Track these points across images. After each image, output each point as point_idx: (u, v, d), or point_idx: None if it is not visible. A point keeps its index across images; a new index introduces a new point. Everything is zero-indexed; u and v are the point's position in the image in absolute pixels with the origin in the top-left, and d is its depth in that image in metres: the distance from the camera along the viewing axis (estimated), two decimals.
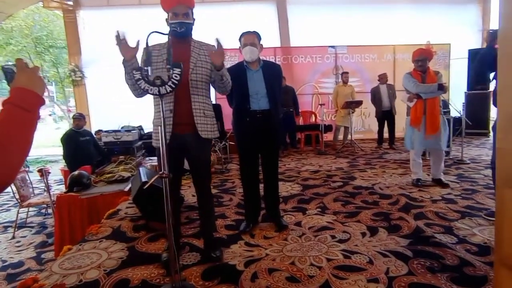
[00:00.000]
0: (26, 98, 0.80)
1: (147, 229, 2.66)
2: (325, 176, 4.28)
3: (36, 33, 10.89)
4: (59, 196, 3.47)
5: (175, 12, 1.92)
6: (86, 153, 4.61)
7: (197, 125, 2.00)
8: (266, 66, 2.47)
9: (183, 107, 1.97)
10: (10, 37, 10.51)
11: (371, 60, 7.44)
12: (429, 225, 2.49)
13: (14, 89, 0.80)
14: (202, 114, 2.02)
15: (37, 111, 0.82)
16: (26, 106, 0.78)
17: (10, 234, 4.13)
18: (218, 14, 7.24)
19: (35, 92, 0.82)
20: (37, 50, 10.99)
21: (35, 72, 0.85)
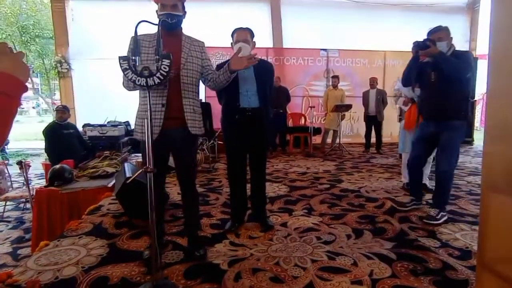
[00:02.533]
0: (8, 83, 0.76)
1: (130, 226, 2.59)
2: (313, 178, 4.28)
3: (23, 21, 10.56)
4: (39, 190, 3.35)
5: (163, 3, 1.88)
6: (70, 147, 4.47)
7: (187, 121, 1.97)
8: (258, 64, 2.44)
9: (174, 101, 1.93)
10: None
11: (362, 65, 7.52)
12: (413, 229, 2.51)
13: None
14: (192, 110, 2.00)
15: (19, 98, 0.79)
16: (8, 92, 0.74)
17: None
18: (212, 12, 7.19)
19: (18, 78, 0.78)
20: (23, 39, 10.68)
21: (19, 58, 0.82)
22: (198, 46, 2.06)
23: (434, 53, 2.47)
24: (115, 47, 2.53)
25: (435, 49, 2.46)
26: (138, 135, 2.01)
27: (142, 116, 1.97)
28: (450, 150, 2.62)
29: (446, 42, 2.54)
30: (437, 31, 2.56)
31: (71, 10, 7.09)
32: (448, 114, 2.56)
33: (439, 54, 2.46)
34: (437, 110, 2.60)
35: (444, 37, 2.54)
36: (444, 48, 2.51)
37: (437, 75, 2.56)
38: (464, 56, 2.53)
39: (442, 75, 2.50)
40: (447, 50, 2.53)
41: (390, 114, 6.48)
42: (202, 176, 4.44)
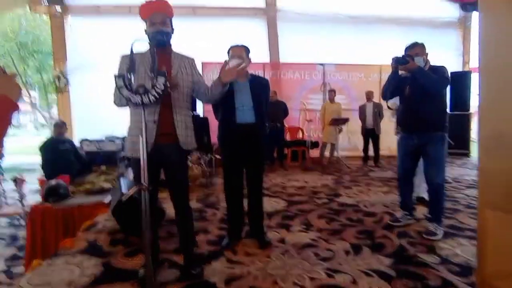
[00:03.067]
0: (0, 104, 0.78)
1: (126, 244, 2.55)
2: (311, 192, 4.26)
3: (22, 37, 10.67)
4: (33, 207, 3.31)
5: (153, 21, 1.90)
6: (66, 162, 4.43)
7: (179, 136, 1.96)
8: (254, 79, 2.47)
9: (165, 118, 1.93)
10: None
11: (358, 78, 7.61)
12: (413, 244, 2.48)
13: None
14: (184, 125, 1.99)
15: (10, 116, 0.81)
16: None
17: None
18: (209, 27, 7.29)
19: (9, 97, 0.80)
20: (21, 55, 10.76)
21: (11, 79, 0.85)
22: (188, 62, 2.06)
23: (413, 68, 2.56)
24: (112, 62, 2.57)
25: (414, 64, 2.55)
26: (128, 152, 2.00)
27: (132, 133, 1.95)
28: (439, 162, 2.67)
29: (423, 58, 2.64)
30: (414, 47, 2.66)
31: (69, 25, 7.18)
32: (430, 125, 2.63)
33: (418, 69, 2.56)
34: (419, 123, 2.65)
35: (420, 52, 2.64)
36: (421, 63, 2.61)
37: (412, 89, 2.64)
38: (440, 71, 2.61)
39: (419, 89, 2.58)
40: (424, 65, 2.63)
41: (387, 127, 6.50)
42: (199, 191, 4.41)
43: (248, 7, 7.51)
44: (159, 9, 1.90)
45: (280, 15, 7.54)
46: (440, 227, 2.65)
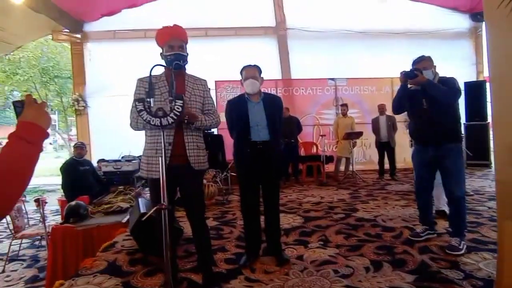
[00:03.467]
0: (31, 131, 0.82)
1: (144, 263, 2.57)
2: (327, 207, 4.21)
3: (43, 64, 11.21)
4: (54, 227, 3.38)
5: (171, 45, 1.99)
6: (85, 183, 4.56)
7: (189, 157, 2.02)
8: (267, 98, 2.52)
9: (178, 139, 1.99)
10: (17, 67, 10.82)
11: (370, 92, 7.60)
12: (435, 260, 2.41)
13: (21, 123, 0.83)
14: (195, 146, 2.05)
15: (40, 144, 0.85)
16: (29, 139, 0.80)
17: (1, 268, 3.98)
18: (220, 47, 7.50)
19: (40, 125, 0.85)
20: (43, 80, 11.27)
21: (42, 107, 0.89)
22: (201, 84, 2.15)
23: (423, 81, 2.57)
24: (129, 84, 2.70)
25: (423, 77, 2.57)
26: (144, 173, 2.06)
27: (148, 154, 2.03)
28: (458, 174, 2.62)
29: (431, 70, 2.65)
30: (421, 61, 2.68)
31: (88, 51, 7.52)
32: (446, 137, 2.60)
33: (427, 82, 2.57)
34: (433, 135, 2.63)
35: (428, 66, 2.65)
36: (430, 76, 2.62)
37: (429, 101, 2.63)
38: (450, 82, 2.60)
39: (430, 101, 2.58)
40: (433, 78, 2.63)
41: (401, 139, 6.43)
42: (216, 209, 4.42)
43: (259, 26, 7.71)
44: (177, 35, 2.00)
45: (290, 32, 7.70)
46: (463, 241, 2.57)
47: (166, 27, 2.04)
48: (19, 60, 10.76)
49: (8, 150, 0.77)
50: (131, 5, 7.09)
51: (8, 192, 0.73)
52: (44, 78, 11.23)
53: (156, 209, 1.56)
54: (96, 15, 7.12)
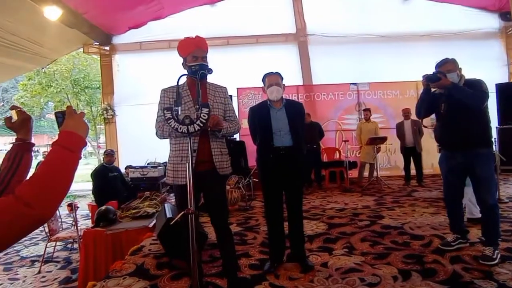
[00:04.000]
0: (72, 140, 0.89)
1: (171, 267, 2.63)
2: (351, 214, 4.14)
3: (75, 75, 11.83)
4: (86, 231, 3.55)
5: (195, 56, 2.06)
6: (114, 189, 4.75)
7: (215, 163, 2.07)
8: (289, 104, 2.55)
9: (203, 146, 2.05)
10: (51, 79, 11.48)
11: (394, 96, 7.43)
12: (468, 270, 2.31)
13: (62, 132, 0.90)
14: (219, 152, 2.10)
15: (80, 152, 0.91)
16: (70, 147, 0.87)
17: (37, 269, 4.20)
18: (242, 55, 7.62)
19: (79, 135, 0.91)
20: (74, 91, 11.88)
21: (81, 118, 0.96)
22: (222, 92, 2.21)
23: (446, 84, 2.48)
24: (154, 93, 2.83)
25: (447, 80, 2.48)
26: (170, 179, 2.12)
27: (173, 161, 2.09)
28: (490, 181, 2.50)
29: (456, 73, 2.55)
30: (445, 63, 2.59)
31: (116, 62, 7.88)
32: (473, 142, 2.49)
33: (452, 85, 2.48)
34: (461, 140, 2.53)
35: (452, 68, 2.56)
36: (455, 79, 2.52)
37: (449, 106, 2.55)
38: (476, 85, 2.50)
39: (457, 105, 2.48)
40: (458, 80, 2.54)
41: (429, 144, 6.22)
42: (239, 214, 4.45)
43: (279, 33, 7.77)
44: (201, 46, 2.08)
45: (311, 39, 7.70)
46: (496, 250, 2.44)
47: (189, 38, 2.12)
48: (53, 73, 11.42)
49: (52, 158, 0.84)
50: (156, 17, 7.37)
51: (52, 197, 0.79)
52: (75, 89, 11.84)
53: (183, 214, 1.60)
54: (123, 28, 7.46)
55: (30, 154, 1.16)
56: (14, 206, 0.72)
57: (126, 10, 6.65)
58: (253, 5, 7.68)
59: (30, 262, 4.56)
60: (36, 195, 0.76)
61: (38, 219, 0.77)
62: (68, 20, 5.84)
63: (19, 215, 0.73)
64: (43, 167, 0.82)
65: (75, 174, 0.87)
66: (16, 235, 0.74)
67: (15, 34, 5.43)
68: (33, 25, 5.50)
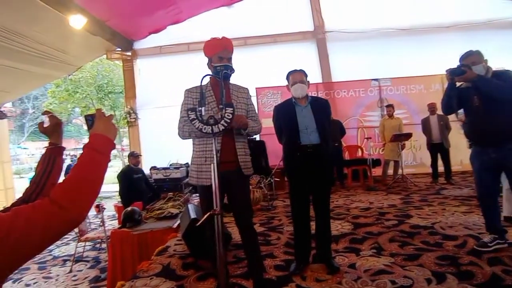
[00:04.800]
0: (101, 142, 0.90)
1: (196, 268, 2.64)
2: (377, 213, 4.01)
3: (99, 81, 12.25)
4: (113, 231, 3.63)
5: (221, 56, 2.05)
6: (139, 190, 4.85)
7: (240, 163, 2.06)
8: (314, 101, 2.50)
9: (227, 146, 2.04)
10: (77, 86, 11.94)
11: (418, 91, 7.17)
12: (508, 273, 2.17)
13: (93, 135, 0.91)
14: (243, 152, 2.10)
15: (109, 154, 0.92)
16: (101, 149, 0.88)
17: (68, 268, 4.36)
18: (260, 54, 7.59)
19: (108, 137, 0.92)
20: (99, 96, 12.31)
21: (110, 120, 0.97)
22: (244, 92, 2.21)
23: (472, 77, 2.38)
24: (175, 95, 2.86)
25: (472, 73, 2.38)
26: (193, 180, 2.12)
27: (197, 162, 2.09)
28: None
29: (482, 65, 2.44)
30: (469, 56, 2.49)
31: (138, 67, 8.07)
32: (506, 137, 2.36)
33: (478, 78, 2.37)
34: (493, 135, 2.40)
35: (477, 60, 2.45)
36: (481, 71, 2.41)
37: (481, 99, 2.43)
38: (504, 76, 2.38)
39: (486, 98, 2.37)
40: (485, 73, 2.42)
41: (457, 140, 5.95)
42: (261, 214, 4.43)
43: (297, 31, 7.69)
44: (228, 47, 2.08)
45: (329, 35, 7.57)
46: None
47: (215, 39, 2.12)
48: (79, 80, 11.87)
49: (83, 161, 0.85)
50: (175, 21, 7.48)
51: (85, 199, 0.80)
52: (100, 94, 12.27)
53: (210, 215, 1.59)
54: (144, 33, 7.62)
55: (61, 157, 1.19)
56: (50, 209, 0.73)
57: (146, 15, 6.79)
58: (270, 5, 7.63)
59: (62, 261, 4.74)
60: (70, 198, 0.77)
61: (73, 221, 0.78)
62: (92, 28, 6.03)
63: (55, 217, 0.73)
64: (75, 170, 0.83)
65: None
66: (53, 237, 0.75)
67: (42, 43, 5.66)
68: (59, 34, 5.71)
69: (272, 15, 7.61)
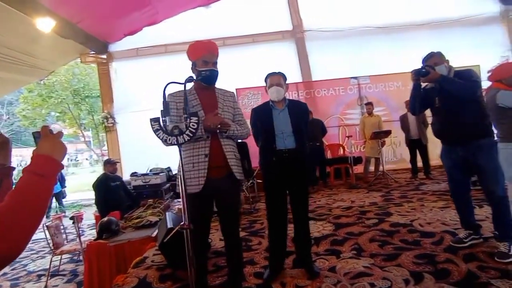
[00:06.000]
0: (43, 164, 0.82)
1: (174, 279, 2.57)
2: (358, 212, 4.03)
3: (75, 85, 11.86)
4: (89, 243, 3.49)
5: (206, 61, 1.97)
6: (116, 198, 4.69)
7: (232, 167, 1.99)
8: (292, 105, 2.46)
9: (216, 151, 1.96)
10: (52, 90, 11.51)
11: (396, 88, 7.28)
12: (483, 269, 2.20)
13: (35, 156, 0.83)
14: (233, 156, 2.03)
15: (54, 176, 0.84)
16: (43, 172, 0.80)
17: (43, 283, 4.16)
18: (239, 55, 7.52)
19: (53, 158, 0.83)
20: (75, 101, 11.91)
21: (57, 138, 0.88)
22: (230, 96, 2.15)
23: (436, 77, 2.45)
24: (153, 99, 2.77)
25: (436, 73, 2.45)
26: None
27: (184, 168, 2.00)
28: (496, 172, 2.41)
29: (444, 65, 2.52)
30: (431, 57, 2.57)
31: (114, 70, 7.83)
32: (471, 133, 2.41)
33: (441, 78, 2.44)
34: (457, 134, 2.46)
35: (439, 61, 2.53)
36: (444, 71, 2.49)
37: (441, 99, 2.51)
38: (466, 74, 2.45)
39: (449, 98, 2.43)
40: (447, 72, 2.50)
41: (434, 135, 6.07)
42: (243, 218, 4.37)
43: (276, 31, 7.66)
44: (213, 51, 2.00)
45: (308, 34, 7.59)
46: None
47: (200, 42, 2.03)
48: (53, 84, 11.45)
49: (21, 187, 0.77)
50: (151, 22, 7.29)
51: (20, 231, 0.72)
52: (76, 98, 11.87)
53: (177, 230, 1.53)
54: (119, 35, 7.40)
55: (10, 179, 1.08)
56: None
57: (121, 17, 6.59)
58: (248, 5, 7.58)
59: (36, 277, 4.53)
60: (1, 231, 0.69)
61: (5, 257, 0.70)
62: (62, 30, 5.79)
63: None
64: (10, 199, 0.74)
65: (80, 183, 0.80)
66: None
67: (8, 47, 5.39)
68: (26, 37, 5.46)
69: (250, 15, 7.55)
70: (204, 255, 2.09)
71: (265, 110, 2.45)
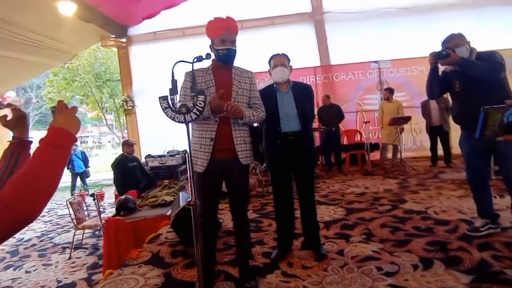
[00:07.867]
0: (60, 136, 0.85)
1: (185, 255, 2.66)
2: (372, 198, 3.98)
3: (97, 69, 12.14)
4: (107, 219, 3.66)
5: (223, 39, 1.95)
6: (134, 178, 4.86)
7: (238, 152, 1.99)
8: (296, 87, 2.42)
9: (225, 133, 1.97)
10: (75, 74, 11.85)
11: (419, 72, 6.96)
12: (497, 258, 2.13)
13: (50, 128, 0.86)
14: (242, 141, 2.01)
15: (68, 148, 0.87)
16: (58, 144, 0.83)
17: (67, 255, 4.43)
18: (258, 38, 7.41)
19: (68, 130, 0.87)
20: (97, 84, 12.22)
21: (71, 113, 0.91)
22: (248, 77, 2.09)
23: (456, 60, 2.34)
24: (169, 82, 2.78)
25: (456, 55, 2.34)
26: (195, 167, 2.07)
27: (193, 148, 2.03)
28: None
29: (465, 47, 2.39)
30: (452, 39, 2.45)
31: (133, 54, 7.94)
32: None
33: (462, 60, 2.33)
34: (476, 118, 2.32)
35: (460, 43, 2.40)
36: (465, 53, 2.37)
37: (462, 83, 2.40)
38: (490, 57, 2.32)
39: (470, 81, 2.32)
40: (469, 55, 2.38)
41: None
42: (256, 201, 4.42)
43: (294, 13, 7.47)
44: (231, 29, 1.96)
45: (327, 17, 7.35)
46: None
47: (218, 19, 1.98)
48: (76, 68, 11.77)
49: (37, 157, 0.80)
50: (170, 5, 7.29)
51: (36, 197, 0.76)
52: (98, 82, 12.17)
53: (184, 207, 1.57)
54: (138, 19, 7.46)
55: (28, 152, 1.14)
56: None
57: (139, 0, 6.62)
58: None
59: (61, 249, 4.83)
60: (18, 196, 0.73)
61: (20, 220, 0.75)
62: (83, 14, 5.90)
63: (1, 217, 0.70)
64: (28, 166, 0.79)
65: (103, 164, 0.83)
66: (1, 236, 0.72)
67: (34, 31, 5.57)
68: (50, 21, 5.61)
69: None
70: (212, 233, 2.14)
71: (269, 92, 2.41)
